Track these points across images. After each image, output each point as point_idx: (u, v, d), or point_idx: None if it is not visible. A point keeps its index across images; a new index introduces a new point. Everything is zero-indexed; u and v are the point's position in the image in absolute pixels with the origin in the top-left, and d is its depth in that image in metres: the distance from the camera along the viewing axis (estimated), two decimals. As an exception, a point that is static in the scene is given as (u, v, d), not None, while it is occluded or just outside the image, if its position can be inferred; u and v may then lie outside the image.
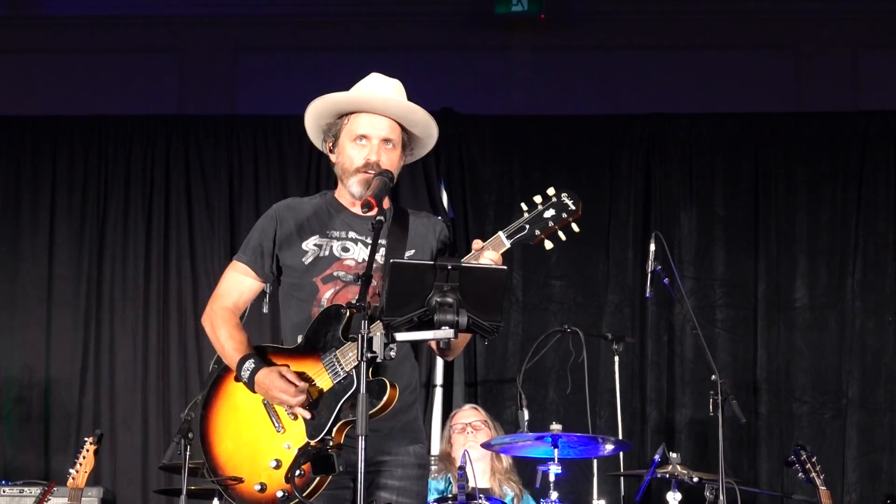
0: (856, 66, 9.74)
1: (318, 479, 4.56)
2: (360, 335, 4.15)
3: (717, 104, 9.61)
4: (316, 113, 5.04)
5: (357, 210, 4.81)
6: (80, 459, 7.24)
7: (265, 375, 4.65)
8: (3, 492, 8.14)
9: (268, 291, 6.17)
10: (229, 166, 9.50)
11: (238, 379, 4.77)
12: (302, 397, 4.59)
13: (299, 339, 4.80)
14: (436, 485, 7.55)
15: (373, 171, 4.80)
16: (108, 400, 9.28)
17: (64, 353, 9.32)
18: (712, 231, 9.25)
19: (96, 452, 7.25)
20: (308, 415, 4.62)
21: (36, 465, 9.15)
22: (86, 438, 7.32)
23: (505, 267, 4.37)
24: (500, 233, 4.61)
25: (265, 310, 6.69)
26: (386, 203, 4.84)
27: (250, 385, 4.70)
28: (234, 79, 9.97)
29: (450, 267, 4.20)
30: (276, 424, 4.71)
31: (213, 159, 9.52)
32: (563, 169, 9.35)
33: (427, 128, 4.99)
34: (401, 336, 4.22)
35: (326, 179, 9.32)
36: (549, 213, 4.62)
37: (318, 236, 4.89)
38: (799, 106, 9.67)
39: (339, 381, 4.61)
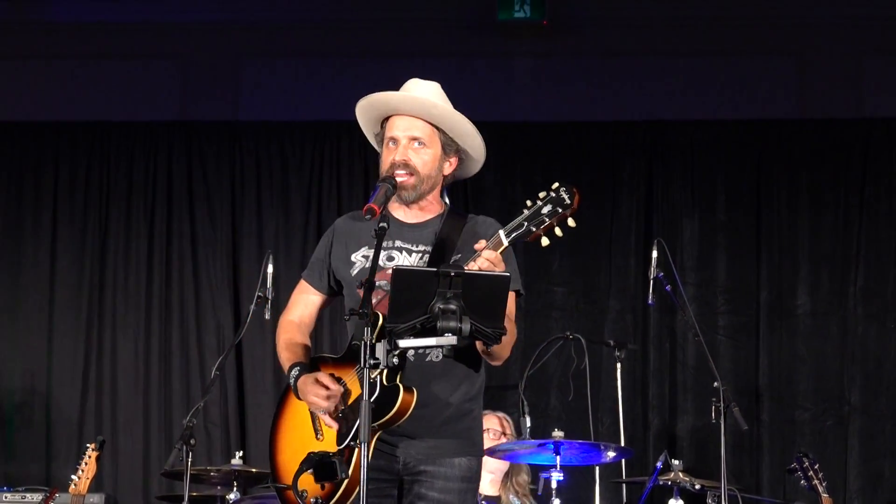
0: (858, 73, 9.73)
1: (345, 483, 4.51)
2: (362, 342, 4.14)
3: (719, 111, 9.61)
4: (363, 122, 5.03)
5: (405, 218, 4.82)
6: (82, 466, 7.23)
7: (304, 381, 4.68)
8: (5, 498, 8.14)
9: (269, 297, 6.19)
10: (231, 173, 9.50)
11: (289, 387, 4.81)
12: (331, 403, 4.59)
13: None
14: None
15: (402, 171, 4.78)
16: (109, 406, 9.27)
17: (66, 359, 9.32)
18: (714, 238, 9.25)
19: (98, 459, 7.24)
20: (330, 421, 4.62)
21: (38, 471, 9.15)
22: (88, 445, 7.32)
23: (508, 274, 4.36)
24: (500, 231, 4.61)
25: (267, 316, 6.72)
26: (439, 207, 4.90)
27: (295, 391, 4.73)
28: (237, 85, 9.96)
29: (452, 274, 4.20)
30: (317, 432, 4.72)
31: (215, 166, 9.52)
32: (565, 175, 9.17)
33: (455, 124, 4.97)
34: (403, 343, 4.21)
35: (328, 186, 9.33)
36: (547, 208, 4.59)
37: (367, 247, 4.86)
38: (801, 112, 9.67)
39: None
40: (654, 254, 7.24)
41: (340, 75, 9.65)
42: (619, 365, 8.22)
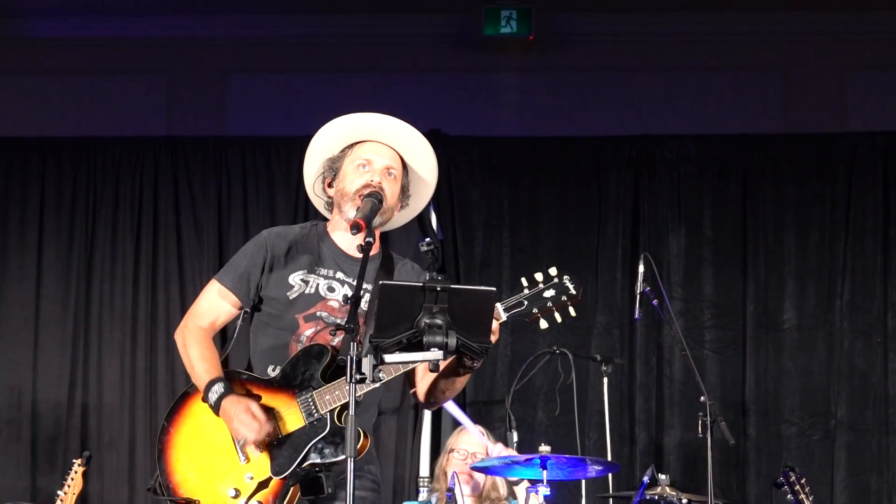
0: (843, 88, 9.76)
1: None
2: (348, 357, 4.13)
3: (705, 126, 9.63)
4: (326, 140, 5.02)
5: (348, 249, 4.81)
6: (69, 481, 7.23)
7: (232, 404, 4.63)
8: (-9, 513, 8.13)
9: (249, 311, 6.16)
10: (217, 187, 9.49)
11: (204, 400, 4.73)
12: (261, 436, 4.58)
13: (272, 370, 4.79)
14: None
15: (375, 192, 4.77)
16: (95, 421, 9.26)
17: (51, 373, 9.30)
18: (701, 252, 9.26)
19: (84, 474, 7.23)
20: (255, 450, 4.61)
21: (23, 486, 9.13)
22: (74, 460, 7.31)
23: (494, 289, 4.36)
24: (498, 305, 4.63)
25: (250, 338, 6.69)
26: (376, 248, 4.87)
27: (215, 409, 4.67)
28: (223, 100, 9.97)
29: (439, 288, 4.19)
30: (241, 454, 4.67)
31: (201, 180, 9.51)
32: (552, 190, 9.36)
33: (428, 167, 4.99)
34: (390, 358, 4.21)
35: (315, 201, 9.32)
36: (549, 293, 4.70)
37: (305, 271, 4.86)
38: (787, 127, 9.70)
39: (312, 421, 4.61)
40: (641, 268, 7.24)
41: (326, 91, 9.66)
42: (605, 379, 8.23)
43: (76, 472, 7.24)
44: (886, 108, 9.63)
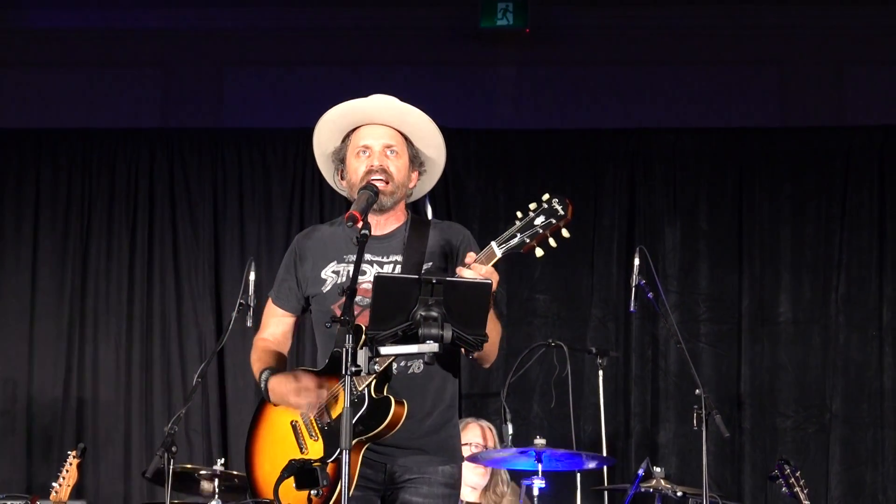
0: (840, 82, 9.76)
1: (335, 492, 4.53)
2: (344, 349, 4.13)
3: (701, 119, 9.63)
4: (325, 136, 5.02)
5: (372, 231, 4.78)
6: (63, 473, 7.22)
7: (277, 381, 4.73)
8: (-14, 505, 8.13)
9: (251, 305, 6.18)
10: (213, 180, 9.48)
11: (261, 393, 4.82)
12: (310, 398, 4.63)
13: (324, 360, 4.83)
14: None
15: (378, 177, 4.79)
16: (91, 414, 9.25)
17: (47, 366, 9.29)
18: (696, 246, 9.26)
19: (79, 466, 7.23)
20: (314, 438, 4.66)
21: (18, 478, 9.12)
22: (69, 452, 7.31)
23: (490, 280, 4.35)
24: (493, 243, 4.60)
25: (249, 323, 6.70)
26: (403, 215, 4.91)
27: (267, 395, 4.75)
28: (219, 92, 9.95)
29: (434, 281, 4.19)
30: (300, 443, 4.73)
31: (197, 173, 9.50)
32: (548, 183, 9.34)
33: (428, 132, 5.00)
34: (385, 350, 4.21)
35: (311, 194, 9.32)
36: (540, 219, 4.57)
37: (335, 262, 4.89)
38: (783, 121, 9.69)
39: (353, 399, 4.59)
40: (637, 261, 7.23)
41: (322, 83, 9.65)
42: (601, 372, 8.24)
43: (71, 464, 7.24)
44: (883, 102, 9.63)
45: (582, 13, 9.77)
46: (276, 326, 5.06)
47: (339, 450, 4.47)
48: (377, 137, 4.90)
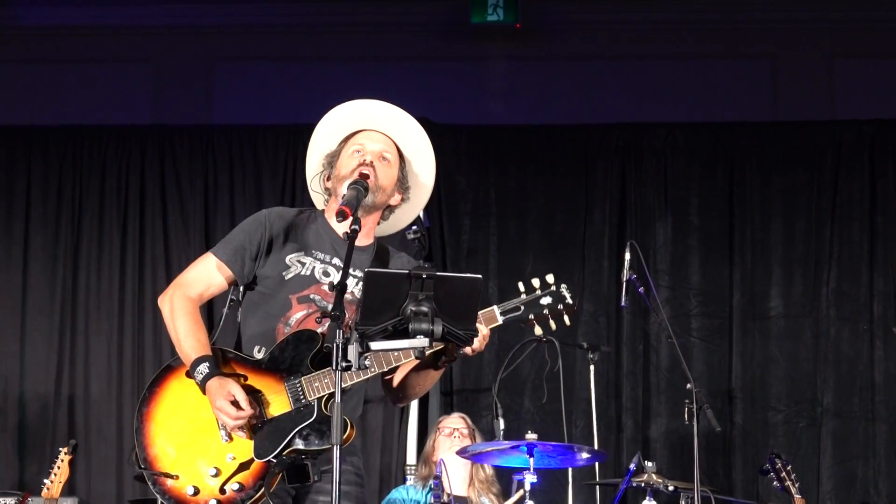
0: (831, 76, 9.78)
1: (258, 494, 4.54)
2: (334, 343, 4.12)
3: (692, 113, 9.64)
4: (326, 133, 5.01)
5: (344, 235, 4.75)
6: (55, 470, 7.22)
7: (217, 387, 4.60)
8: (-22, 503, 8.12)
9: (236, 298, 6.14)
10: (204, 176, 9.48)
11: (189, 376, 4.71)
12: (239, 423, 4.55)
13: (258, 351, 4.77)
14: (414, 494, 7.54)
15: (367, 171, 4.79)
16: (82, 410, 9.25)
17: (38, 362, 9.29)
18: (687, 240, 9.27)
19: (71, 463, 7.22)
20: (241, 433, 4.60)
21: (10, 475, 9.12)
22: (61, 449, 7.30)
23: (480, 276, 4.36)
24: (495, 307, 4.70)
25: (239, 319, 6.69)
26: (370, 238, 4.90)
27: (202, 388, 4.64)
28: (210, 89, 9.96)
29: (424, 276, 4.18)
30: (223, 433, 4.65)
31: (188, 169, 9.50)
32: (539, 179, 9.36)
33: (423, 157, 5.01)
34: (376, 345, 4.20)
35: (302, 190, 9.30)
36: (546, 300, 4.73)
37: (302, 253, 4.85)
38: (774, 115, 9.71)
39: (299, 407, 4.60)
40: (627, 256, 7.23)
41: (313, 79, 9.65)
42: (592, 367, 8.25)
43: (62, 461, 7.24)
44: (873, 96, 9.65)
45: (572, 8, 9.78)
46: (208, 287, 4.91)
47: (273, 454, 4.52)
48: (376, 142, 4.91)
